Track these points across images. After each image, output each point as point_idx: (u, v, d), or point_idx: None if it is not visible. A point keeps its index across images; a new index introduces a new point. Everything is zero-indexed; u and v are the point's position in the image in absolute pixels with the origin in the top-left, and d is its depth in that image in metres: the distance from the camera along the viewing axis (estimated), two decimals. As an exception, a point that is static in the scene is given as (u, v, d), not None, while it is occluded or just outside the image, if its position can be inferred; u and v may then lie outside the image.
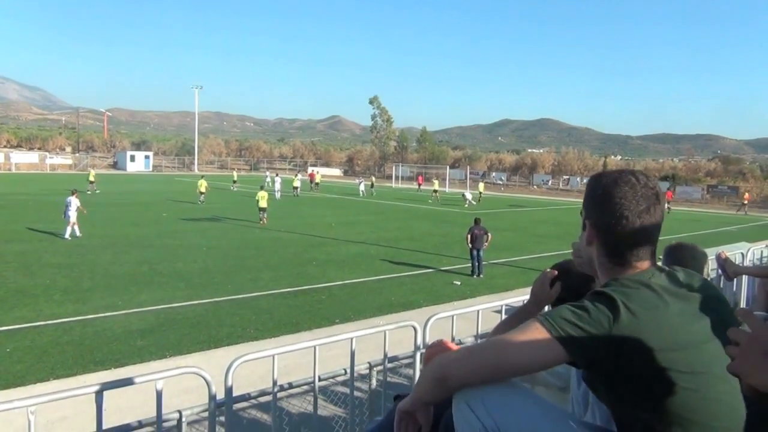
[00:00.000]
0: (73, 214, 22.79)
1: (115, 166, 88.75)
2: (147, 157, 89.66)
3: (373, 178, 63.89)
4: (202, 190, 39.79)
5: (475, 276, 18.14)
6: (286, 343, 5.67)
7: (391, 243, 24.43)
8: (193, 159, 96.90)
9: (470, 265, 18.54)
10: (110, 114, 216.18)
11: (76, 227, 22.81)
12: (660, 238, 1.92)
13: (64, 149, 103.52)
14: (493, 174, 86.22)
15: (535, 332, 1.72)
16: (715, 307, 1.81)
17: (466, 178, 76.62)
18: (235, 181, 44.46)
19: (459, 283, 17.09)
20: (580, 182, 74.61)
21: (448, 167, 78.73)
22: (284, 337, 11.50)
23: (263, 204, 30.20)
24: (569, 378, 2.54)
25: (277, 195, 45.66)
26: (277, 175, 50.59)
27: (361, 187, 54.79)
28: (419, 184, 67.94)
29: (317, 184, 59.00)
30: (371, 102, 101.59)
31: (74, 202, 23.07)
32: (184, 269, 17.58)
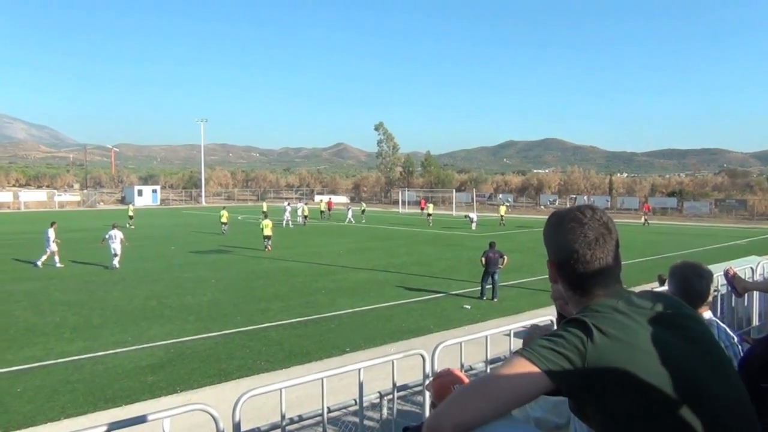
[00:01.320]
0: (117, 246, 24.65)
1: (123, 201, 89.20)
2: (154, 191, 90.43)
3: (364, 204, 62.99)
4: (224, 220, 41.57)
5: (484, 298, 18.09)
6: (297, 375, 5.64)
7: (400, 268, 24.44)
8: (200, 191, 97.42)
9: (480, 288, 18.50)
10: (117, 150, 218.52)
11: (116, 260, 24.49)
12: (668, 254, 1.95)
13: (72, 186, 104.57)
14: (500, 196, 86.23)
15: (518, 365, 1.77)
16: (688, 324, 1.86)
17: (472, 201, 76.72)
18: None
19: (469, 306, 17.01)
20: (587, 201, 74.50)
21: (454, 191, 78.87)
22: (295, 368, 11.44)
23: (268, 232, 30.93)
24: (570, 414, 2.51)
25: (287, 224, 46.10)
26: (288, 204, 50.76)
27: (349, 214, 53.77)
28: (422, 209, 68.05)
29: (329, 212, 59.40)
30: (377, 128, 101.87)
31: (117, 235, 24.94)
32: (193, 302, 17.62)
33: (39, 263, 24.64)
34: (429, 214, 52.54)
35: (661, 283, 12.42)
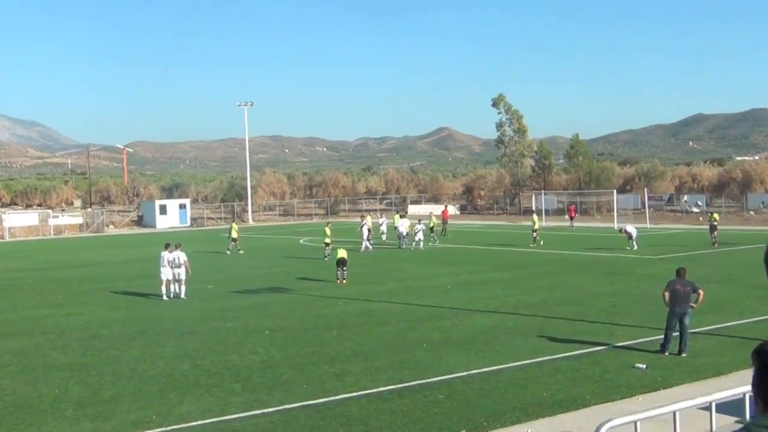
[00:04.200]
0: (182, 270, 28.96)
1: (140, 222, 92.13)
2: (182, 206, 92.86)
3: (434, 217, 58.75)
4: (234, 235, 47.63)
5: (667, 353, 17.71)
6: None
7: (537, 310, 24.26)
8: (246, 204, 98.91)
9: (663, 336, 18.14)
10: (130, 150, 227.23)
11: (182, 287, 28.92)
12: None
13: (71, 203, 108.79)
14: (685, 197, 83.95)
15: None
16: None
17: (643, 206, 74.90)
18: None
19: (644, 365, 16.71)
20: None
21: (615, 192, 77.05)
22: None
23: (342, 254, 32.33)
24: None
25: (366, 246, 46.89)
26: (371, 215, 51.58)
27: (419, 235, 48.39)
28: (571, 218, 67.13)
29: (445, 225, 59.70)
30: (495, 104, 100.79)
31: (182, 257, 29.15)
32: (240, 364, 17.85)
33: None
34: (534, 230, 50.18)
35: None
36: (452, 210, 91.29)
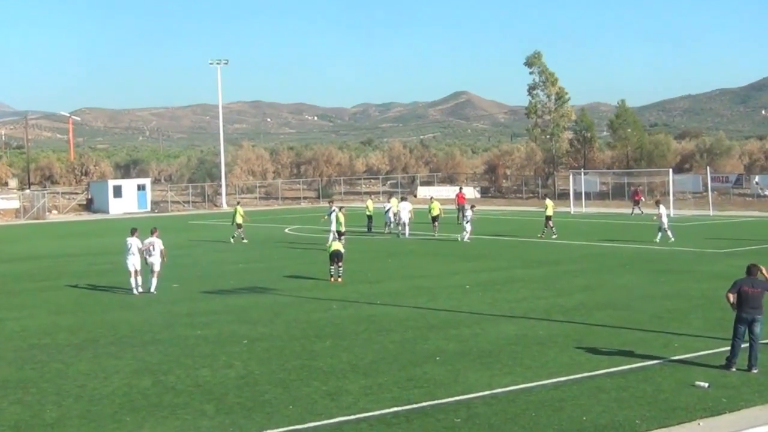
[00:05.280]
0: (156, 261, 30.24)
1: (89, 206, 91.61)
2: (141, 187, 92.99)
3: (435, 204, 58.72)
4: (239, 220, 49.91)
5: (734, 368, 17.67)
6: None
7: (574, 315, 24.24)
8: (220, 185, 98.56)
9: (729, 348, 18.08)
10: (78, 119, 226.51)
11: (154, 280, 30.28)
12: None
13: (5, 184, 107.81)
14: (756, 178, 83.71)
15: None
16: None
17: (705, 189, 74.57)
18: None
19: (706, 384, 16.60)
20: None
21: (670, 172, 76.51)
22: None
23: (337, 246, 32.36)
24: None
25: (398, 225, 48.37)
26: (371, 199, 51.57)
27: (390, 214, 53.71)
28: (636, 201, 66.97)
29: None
30: (530, 63, 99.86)
31: (158, 244, 30.38)
32: (212, 380, 17.78)
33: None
34: (548, 217, 49.51)
35: None
36: (470, 193, 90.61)
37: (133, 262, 30.12)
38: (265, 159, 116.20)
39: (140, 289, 30.09)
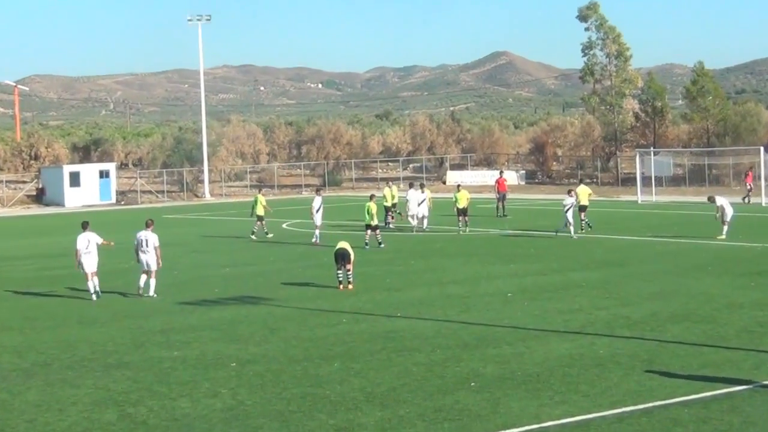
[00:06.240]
0: (152, 260, 29.46)
1: (40, 197, 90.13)
2: (104, 174, 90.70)
3: (464, 189, 56.84)
4: (260, 212, 47.43)
5: None
6: None
7: (643, 330, 23.04)
8: (201, 171, 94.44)
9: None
10: (25, 89, 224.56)
11: (152, 280, 29.58)
12: None
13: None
14: None
15: None
16: None
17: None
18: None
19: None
20: None
21: (762, 150, 70.72)
22: None
23: (344, 246, 30.23)
24: None
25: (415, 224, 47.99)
26: (389, 187, 51.73)
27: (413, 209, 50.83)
28: (749, 185, 64.42)
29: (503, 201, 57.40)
30: (583, 16, 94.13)
31: (153, 240, 29.55)
32: (192, 412, 16.61)
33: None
34: (582, 207, 48.41)
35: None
36: (513, 178, 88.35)
37: (89, 264, 29.47)
38: (258, 137, 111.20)
39: (99, 295, 29.57)
